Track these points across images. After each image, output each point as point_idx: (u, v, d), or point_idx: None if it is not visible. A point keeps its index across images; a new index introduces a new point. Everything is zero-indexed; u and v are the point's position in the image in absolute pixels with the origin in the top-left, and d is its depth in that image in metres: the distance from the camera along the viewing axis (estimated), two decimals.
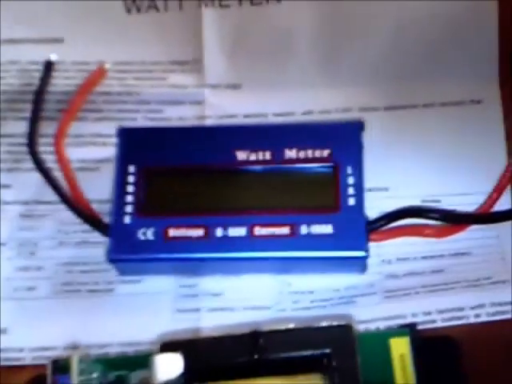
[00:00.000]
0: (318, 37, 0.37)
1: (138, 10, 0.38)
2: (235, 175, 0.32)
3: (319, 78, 0.36)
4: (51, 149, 0.34)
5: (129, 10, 0.38)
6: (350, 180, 0.31)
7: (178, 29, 0.38)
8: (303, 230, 0.30)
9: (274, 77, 0.37)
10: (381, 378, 0.28)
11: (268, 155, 0.32)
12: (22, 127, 0.35)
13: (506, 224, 0.31)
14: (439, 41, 0.36)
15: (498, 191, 0.32)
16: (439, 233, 0.32)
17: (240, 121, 0.36)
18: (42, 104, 0.35)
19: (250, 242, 0.30)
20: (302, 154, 0.32)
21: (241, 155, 0.32)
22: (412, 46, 0.36)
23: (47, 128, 0.35)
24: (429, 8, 0.36)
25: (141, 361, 0.28)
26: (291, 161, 0.32)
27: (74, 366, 0.28)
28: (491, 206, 0.32)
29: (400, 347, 0.28)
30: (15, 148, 0.35)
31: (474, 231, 0.32)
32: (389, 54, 0.36)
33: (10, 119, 0.36)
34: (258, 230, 0.30)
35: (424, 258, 0.32)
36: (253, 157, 0.32)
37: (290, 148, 0.32)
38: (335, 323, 0.28)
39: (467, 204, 0.32)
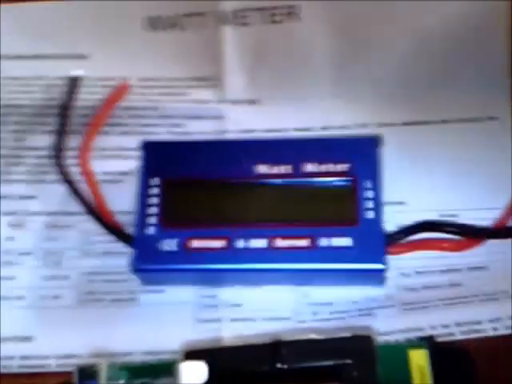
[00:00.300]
0: (336, 53, 0.37)
1: (161, 27, 0.39)
2: (256, 188, 0.32)
3: (337, 93, 0.37)
4: (76, 161, 0.35)
5: (152, 27, 0.39)
6: (369, 194, 0.32)
7: (199, 46, 0.38)
8: (322, 242, 0.31)
9: (293, 92, 0.37)
10: None
11: (288, 169, 0.32)
12: (47, 140, 0.36)
13: None
14: (453, 57, 0.36)
15: None
16: (456, 247, 0.32)
17: (259, 135, 0.36)
18: (68, 118, 0.36)
19: (270, 253, 0.31)
20: (320, 168, 0.32)
21: (261, 169, 0.32)
22: (427, 62, 0.37)
23: (72, 141, 0.36)
24: (442, 24, 0.37)
25: (165, 368, 0.28)
26: (310, 174, 0.32)
27: (102, 373, 0.28)
28: (507, 220, 0.32)
29: (419, 359, 0.29)
30: (41, 160, 0.36)
31: (490, 245, 0.32)
32: (405, 69, 0.37)
33: (36, 132, 0.37)
34: (278, 242, 0.31)
35: (442, 271, 0.32)
36: (273, 170, 0.32)
37: (309, 162, 0.32)
38: (356, 334, 0.29)
39: (484, 218, 0.32)
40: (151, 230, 0.32)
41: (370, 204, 0.31)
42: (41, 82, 0.38)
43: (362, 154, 0.32)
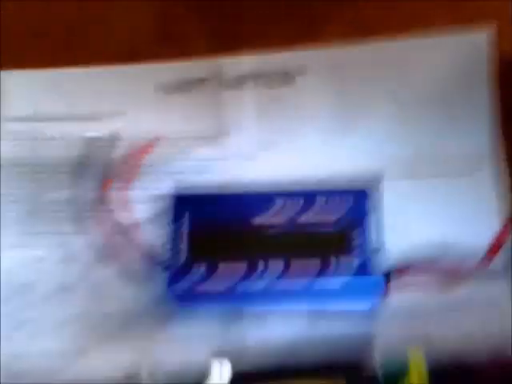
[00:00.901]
0: (330, 113, 0.41)
1: (167, 91, 0.43)
2: (262, 235, 0.36)
3: (330, 148, 0.40)
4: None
5: (159, 91, 0.43)
6: (361, 242, 0.35)
7: (204, 108, 0.43)
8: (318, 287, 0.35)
9: (289, 149, 0.41)
10: None
11: (284, 219, 0.36)
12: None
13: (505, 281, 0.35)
14: (438, 117, 0.40)
15: (494, 248, 0.35)
16: (441, 288, 0.35)
17: (259, 188, 0.38)
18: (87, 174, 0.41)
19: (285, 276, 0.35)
20: (315, 219, 0.36)
21: (260, 220, 0.36)
22: (414, 123, 0.40)
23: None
24: (426, 87, 0.41)
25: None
26: (306, 225, 0.36)
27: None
28: (489, 262, 0.35)
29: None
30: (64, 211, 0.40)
31: (473, 287, 0.35)
32: (394, 129, 0.40)
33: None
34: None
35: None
36: (272, 220, 0.36)
37: (306, 212, 0.36)
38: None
39: (467, 260, 0.35)
40: (182, 260, 0.36)
41: (362, 252, 0.35)
42: (62, 142, 0.42)
43: (353, 205, 0.36)
